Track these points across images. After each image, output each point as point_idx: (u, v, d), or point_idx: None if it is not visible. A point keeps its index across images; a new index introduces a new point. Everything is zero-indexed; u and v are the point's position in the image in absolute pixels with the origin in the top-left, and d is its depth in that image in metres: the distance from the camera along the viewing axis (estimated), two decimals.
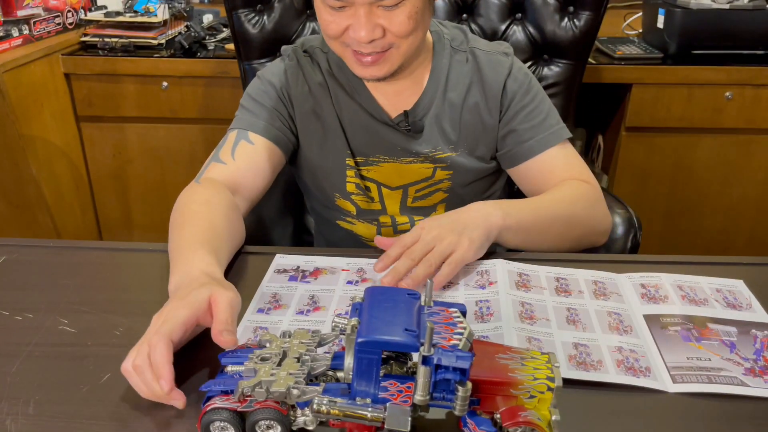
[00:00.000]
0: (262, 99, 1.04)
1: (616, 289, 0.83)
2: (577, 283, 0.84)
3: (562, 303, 0.79)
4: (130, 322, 0.75)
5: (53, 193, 1.91)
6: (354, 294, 0.81)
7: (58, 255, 0.90)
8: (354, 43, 0.92)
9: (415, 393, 0.53)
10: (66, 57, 1.89)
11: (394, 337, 0.52)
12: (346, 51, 0.95)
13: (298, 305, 0.79)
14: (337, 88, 1.05)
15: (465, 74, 1.05)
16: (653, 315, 0.77)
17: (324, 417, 0.54)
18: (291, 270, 0.87)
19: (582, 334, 0.74)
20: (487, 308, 0.78)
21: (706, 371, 0.68)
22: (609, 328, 0.75)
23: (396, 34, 0.90)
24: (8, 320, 0.75)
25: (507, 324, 0.74)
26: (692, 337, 0.73)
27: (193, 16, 2.08)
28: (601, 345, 0.72)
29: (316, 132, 1.06)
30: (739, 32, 1.83)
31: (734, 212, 2.00)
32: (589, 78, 1.67)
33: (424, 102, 1.04)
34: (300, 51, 1.07)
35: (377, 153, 1.06)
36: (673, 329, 0.74)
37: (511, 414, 0.54)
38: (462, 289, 0.82)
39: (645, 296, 0.81)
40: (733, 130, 1.90)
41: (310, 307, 0.79)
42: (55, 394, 0.63)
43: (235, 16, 1.34)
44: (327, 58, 1.06)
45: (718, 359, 0.70)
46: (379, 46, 0.91)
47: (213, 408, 0.55)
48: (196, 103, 1.94)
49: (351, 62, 0.96)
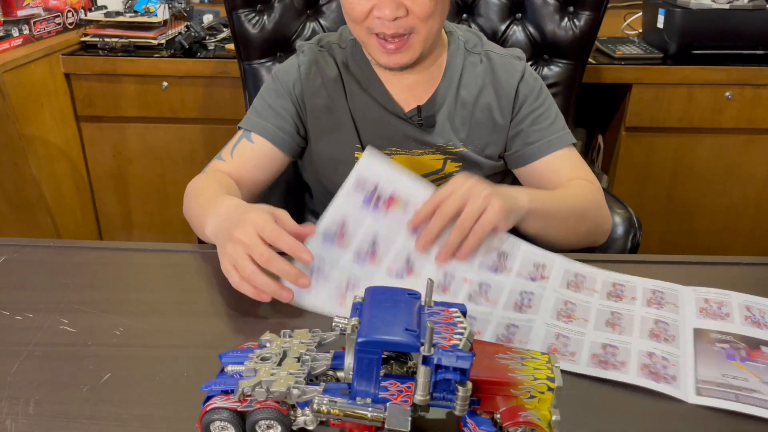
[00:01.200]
0: (272, 99, 1.07)
1: (674, 300, 0.78)
2: (633, 290, 0.80)
3: (609, 306, 0.76)
4: (130, 322, 0.75)
5: (53, 193, 1.91)
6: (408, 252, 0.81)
7: (58, 255, 0.90)
8: (378, 25, 0.94)
9: (415, 393, 0.53)
10: (66, 57, 1.89)
11: (394, 337, 0.52)
12: (370, 38, 0.97)
13: (359, 246, 0.81)
14: (351, 81, 1.07)
15: (478, 75, 1.07)
16: (705, 330, 0.72)
17: (324, 417, 0.54)
18: (370, 187, 0.84)
19: (616, 336, 0.71)
20: (529, 300, 0.76)
21: (737, 390, 0.64)
22: (649, 335, 0.71)
23: (418, 15, 0.93)
24: (8, 320, 0.75)
25: (541, 318, 0.73)
26: (738, 356, 0.69)
27: (193, 16, 2.08)
28: (632, 349, 0.69)
29: (326, 125, 1.08)
30: (739, 32, 1.83)
31: (734, 212, 2.00)
32: (589, 78, 1.67)
33: (438, 98, 1.06)
34: (316, 47, 1.09)
35: (389, 145, 1.07)
36: (720, 345, 0.70)
37: (511, 414, 0.54)
38: (514, 277, 0.80)
39: (705, 311, 0.76)
40: (733, 130, 1.90)
41: (368, 254, 0.80)
42: (55, 394, 0.63)
43: (235, 16, 1.34)
44: (343, 52, 1.09)
45: (757, 381, 0.65)
46: (402, 27, 0.93)
47: (213, 408, 0.55)
48: (196, 103, 1.94)
49: (375, 50, 0.98)
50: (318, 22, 1.38)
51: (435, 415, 0.57)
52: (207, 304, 0.80)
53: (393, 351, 0.56)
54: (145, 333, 0.73)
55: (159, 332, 0.73)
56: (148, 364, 0.68)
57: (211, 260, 0.91)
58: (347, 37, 1.09)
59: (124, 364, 0.68)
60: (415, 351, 0.52)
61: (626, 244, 1.09)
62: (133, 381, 0.65)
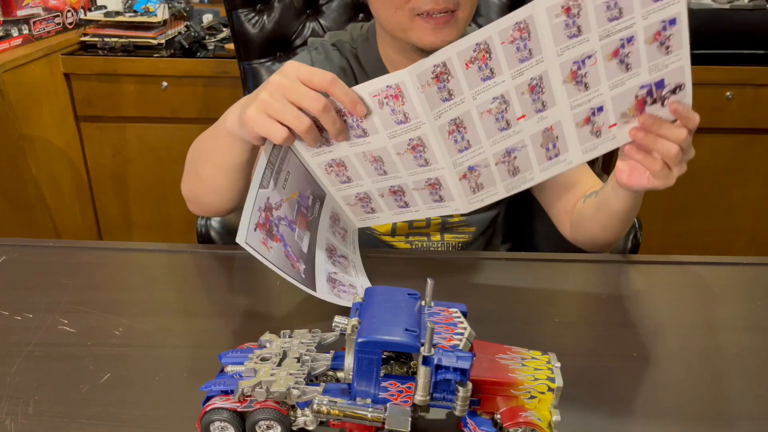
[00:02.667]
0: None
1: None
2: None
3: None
4: (130, 322, 0.75)
5: (53, 193, 1.91)
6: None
7: (58, 255, 0.90)
8: (425, 3, 0.88)
9: (415, 393, 0.53)
10: (66, 57, 1.89)
11: (394, 337, 0.52)
12: (414, 21, 0.91)
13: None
14: (363, 77, 1.05)
15: None
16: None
17: (324, 417, 0.54)
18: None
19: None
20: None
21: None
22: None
23: None
24: (8, 320, 0.75)
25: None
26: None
27: (193, 16, 2.08)
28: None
29: None
30: (739, 32, 1.83)
31: (734, 212, 2.00)
32: None
33: None
34: (328, 44, 1.07)
35: None
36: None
37: (511, 414, 0.54)
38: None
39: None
40: (733, 130, 1.90)
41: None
42: (55, 394, 0.63)
43: (234, 15, 1.34)
44: (356, 53, 1.06)
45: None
46: (450, 2, 0.88)
47: (213, 408, 0.55)
48: (196, 103, 1.94)
49: (420, 31, 0.91)
50: (318, 22, 1.38)
51: (435, 416, 0.57)
52: (207, 304, 0.80)
53: (393, 351, 0.56)
54: (145, 333, 0.73)
55: (159, 332, 0.73)
56: (148, 364, 0.68)
57: (212, 260, 0.91)
58: (358, 36, 1.08)
59: (124, 364, 0.68)
60: (415, 351, 0.52)
61: (626, 244, 1.09)
62: (133, 381, 0.65)
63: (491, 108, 0.72)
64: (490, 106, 0.72)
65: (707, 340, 0.74)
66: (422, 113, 0.71)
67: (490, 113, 0.72)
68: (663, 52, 0.69)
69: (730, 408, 0.64)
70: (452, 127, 0.73)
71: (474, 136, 0.74)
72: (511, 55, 0.68)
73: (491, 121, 0.73)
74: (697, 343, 0.74)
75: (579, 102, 0.72)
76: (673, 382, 0.67)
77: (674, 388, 0.67)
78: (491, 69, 0.69)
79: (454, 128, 0.73)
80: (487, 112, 0.72)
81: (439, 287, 0.70)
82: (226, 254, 0.92)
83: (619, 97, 0.72)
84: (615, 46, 0.68)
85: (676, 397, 0.65)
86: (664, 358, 0.71)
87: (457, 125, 0.73)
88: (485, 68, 0.69)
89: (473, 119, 0.73)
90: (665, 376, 0.68)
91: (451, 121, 0.73)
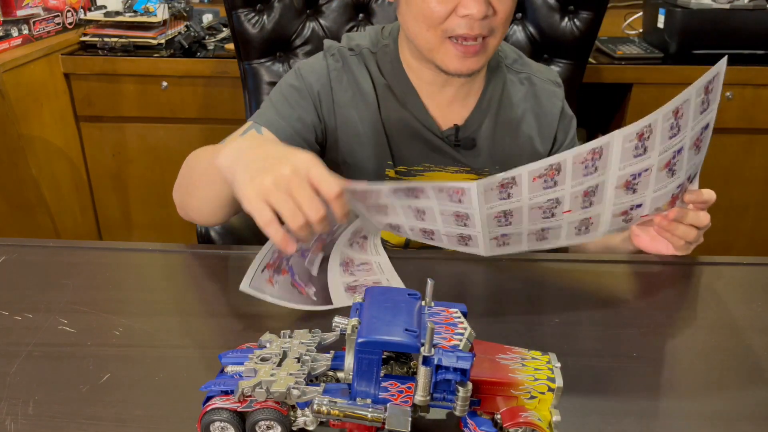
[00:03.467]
0: (293, 98, 1.00)
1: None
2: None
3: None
4: (130, 322, 0.75)
5: (53, 193, 1.91)
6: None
7: (58, 255, 0.90)
8: (461, 26, 0.87)
9: (415, 393, 0.53)
10: (66, 57, 1.89)
11: (394, 338, 0.51)
12: (444, 43, 0.90)
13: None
14: (386, 93, 1.01)
15: (520, 99, 1.04)
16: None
17: (324, 417, 0.54)
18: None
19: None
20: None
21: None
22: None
23: (501, 17, 0.89)
24: (8, 320, 0.75)
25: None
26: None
27: (193, 16, 2.08)
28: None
29: (356, 139, 1.01)
30: (739, 32, 1.83)
31: (734, 212, 2.00)
32: (590, 78, 1.67)
33: (476, 117, 1.02)
34: (346, 50, 1.02)
35: (423, 161, 1.03)
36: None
37: (511, 414, 0.54)
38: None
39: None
40: (733, 130, 1.90)
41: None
42: (55, 394, 0.63)
43: (234, 15, 1.34)
44: (376, 60, 1.02)
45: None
46: (486, 28, 0.88)
47: (213, 408, 0.55)
48: (196, 103, 1.94)
49: (447, 55, 0.91)
50: (318, 22, 1.38)
51: (435, 416, 0.57)
52: (207, 304, 0.80)
53: (393, 351, 0.55)
54: (145, 333, 0.73)
55: (159, 332, 0.73)
56: (148, 364, 0.68)
57: (212, 260, 0.91)
58: (379, 42, 1.03)
59: (124, 364, 0.68)
60: (415, 351, 0.52)
61: None
62: (133, 381, 0.65)
63: (543, 205, 0.73)
64: (542, 204, 0.73)
65: (707, 340, 0.74)
66: (475, 205, 0.72)
67: (540, 208, 0.74)
68: (695, 153, 0.75)
69: (730, 408, 0.64)
70: (500, 214, 0.74)
71: (518, 221, 0.75)
72: (578, 172, 0.70)
73: (538, 214, 0.74)
74: (697, 343, 0.74)
75: (623, 201, 0.75)
76: (673, 382, 0.67)
77: (674, 388, 0.67)
78: (555, 181, 0.71)
79: (502, 215, 0.74)
80: (538, 207, 0.73)
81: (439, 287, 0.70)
82: (226, 254, 0.92)
83: (659, 197, 0.76)
84: (668, 158, 0.72)
85: (676, 397, 0.65)
86: (664, 358, 0.71)
87: (505, 214, 0.74)
88: (550, 181, 0.71)
89: (522, 212, 0.74)
90: (665, 376, 0.68)
91: (501, 212, 0.74)
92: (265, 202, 0.64)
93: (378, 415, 0.53)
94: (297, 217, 0.64)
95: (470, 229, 0.76)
